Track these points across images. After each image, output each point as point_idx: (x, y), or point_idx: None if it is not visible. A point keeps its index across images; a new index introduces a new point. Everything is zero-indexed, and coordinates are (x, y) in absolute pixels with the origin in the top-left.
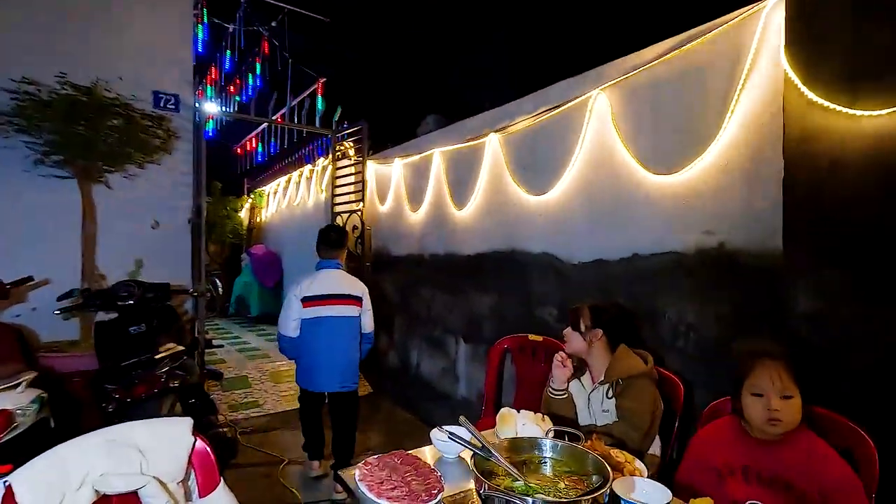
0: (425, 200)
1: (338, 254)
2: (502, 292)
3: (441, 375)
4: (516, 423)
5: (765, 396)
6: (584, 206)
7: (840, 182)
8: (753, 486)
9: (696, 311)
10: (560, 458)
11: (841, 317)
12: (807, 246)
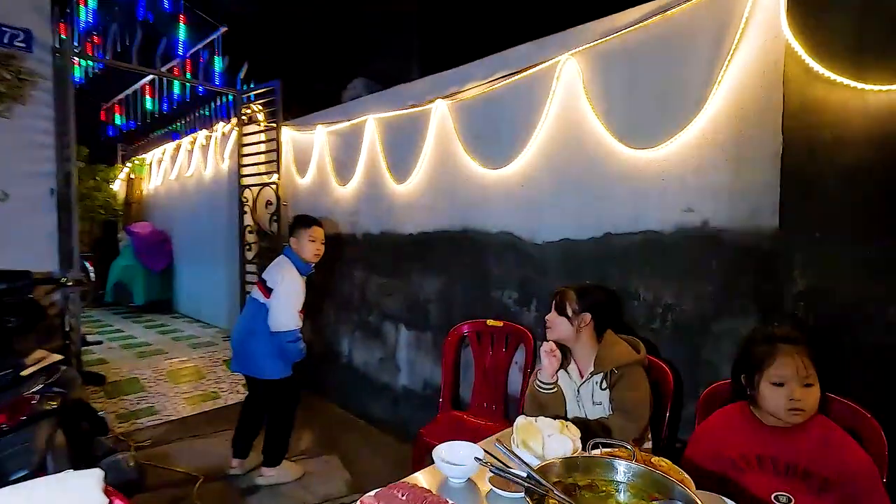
0: (356, 173)
1: (291, 239)
2: (452, 274)
3: (379, 365)
4: (542, 436)
5: (786, 385)
6: (550, 182)
7: (842, 158)
8: (771, 477)
9: (675, 291)
10: (630, 479)
11: (841, 295)
12: (805, 222)
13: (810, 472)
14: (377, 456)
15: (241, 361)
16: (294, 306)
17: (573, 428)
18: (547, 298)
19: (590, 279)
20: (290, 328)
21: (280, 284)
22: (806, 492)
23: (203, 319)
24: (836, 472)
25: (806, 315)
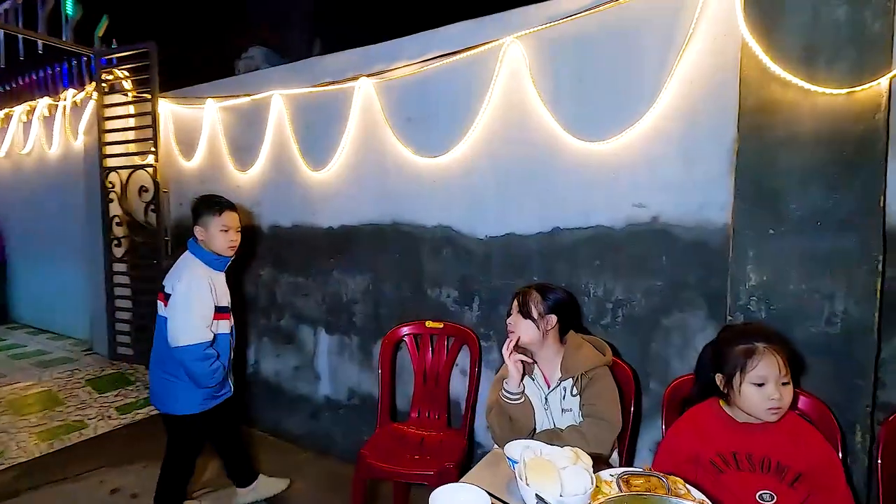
0: (261, 157)
1: (195, 229)
2: (381, 272)
3: (293, 375)
4: (557, 472)
5: (767, 385)
6: (494, 174)
7: (793, 156)
8: (749, 474)
9: (625, 286)
10: None
11: (791, 289)
12: (757, 218)
13: (783, 465)
14: (296, 476)
15: (153, 393)
16: (196, 313)
17: (584, 455)
18: (490, 297)
19: (537, 276)
20: (191, 342)
21: (178, 287)
22: (782, 486)
23: (54, 329)
24: (807, 464)
25: (758, 309)
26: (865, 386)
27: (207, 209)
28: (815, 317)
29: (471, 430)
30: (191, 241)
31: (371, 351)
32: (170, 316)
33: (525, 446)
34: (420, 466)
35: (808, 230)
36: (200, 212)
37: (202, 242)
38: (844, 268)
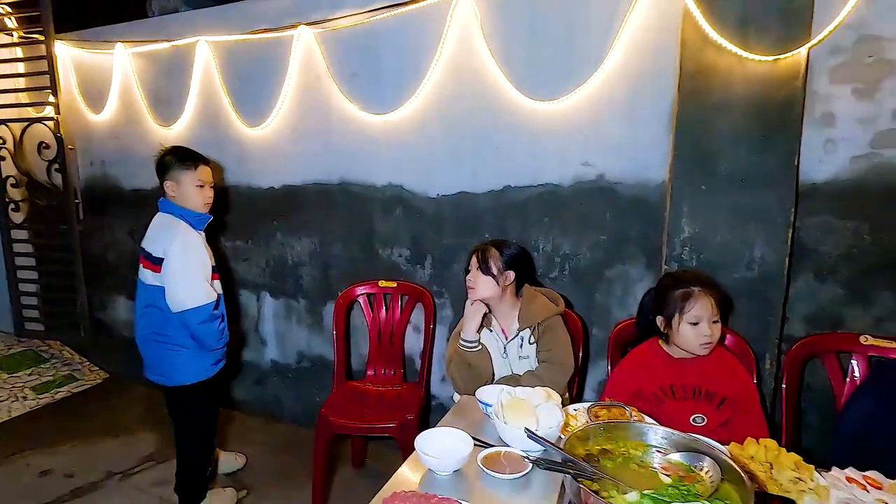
0: (186, 111)
1: (166, 185)
2: (328, 233)
3: (236, 341)
4: (533, 410)
5: (700, 324)
6: (445, 131)
7: (726, 119)
8: (684, 402)
9: (572, 242)
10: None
11: (719, 240)
12: (691, 176)
13: (712, 392)
14: (247, 444)
15: (150, 367)
16: (199, 274)
17: (554, 394)
18: (443, 255)
19: (489, 234)
20: (198, 303)
21: (172, 249)
22: (711, 409)
23: None
24: (730, 390)
25: (690, 258)
26: (775, 322)
27: (180, 163)
28: (738, 263)
29: (427, 384)
30: (163, 201)
31: (321, 313)
32: (169, 281)
33: (500, 390)
34: (381, 420)
35: (735, 187)
36: (170, 166)
37: (173, 199)
38: (763, 220)
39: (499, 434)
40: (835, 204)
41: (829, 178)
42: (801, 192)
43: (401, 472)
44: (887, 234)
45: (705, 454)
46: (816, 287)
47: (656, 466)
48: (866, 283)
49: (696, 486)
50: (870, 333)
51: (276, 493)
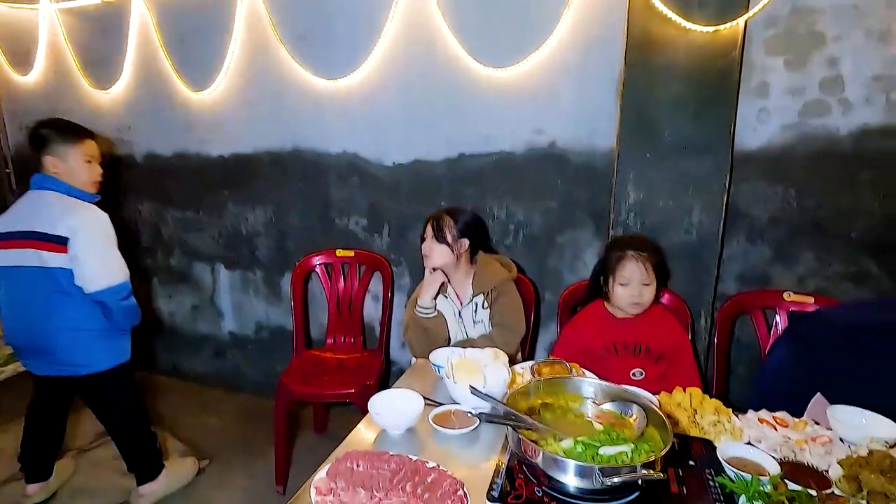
0: (124, 73)
1: (47, 160)
2: (283, 203)
3: (192, 314)
4: (481, 369)
5: (630, 285)
6: (399, 98)
7: (670, 88)
8: (626, 358)
9: (526, 209)
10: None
11: (661, 205)
12: (637, 143)
13: (650, 348)
14: (210, 415)
15: (47, 360)
16: (114, 250)
17: (502, 354)
18: (400, 224)
19: (445, 201)
20: (117, 281)
21: (82, 227)
22: (649, 364)
23: None
24: (667, 346)
25: (635, 223)
26: (709, 281)
27: (62, 136)
28: (678, 227)
29: (386, 350)
30: (42, 177)
31: (278, 284)
32: (84, 260)
33: (451, 352)
34: (342, 386)
35: (676, 155)
36: (50, 139)
37: (57, 175)
38: (701, 186)
39: (449, 393)
40: (766, 171)
41: (761, 146)
42: (735, 159)
43: (356, 432)
44: (811, 198)
45: (633, 402)
46: (747, 248)
47: (590, 416)
48: (791, 245)
49: (625, 432)
50: (792, 290)
51: (239, 460)
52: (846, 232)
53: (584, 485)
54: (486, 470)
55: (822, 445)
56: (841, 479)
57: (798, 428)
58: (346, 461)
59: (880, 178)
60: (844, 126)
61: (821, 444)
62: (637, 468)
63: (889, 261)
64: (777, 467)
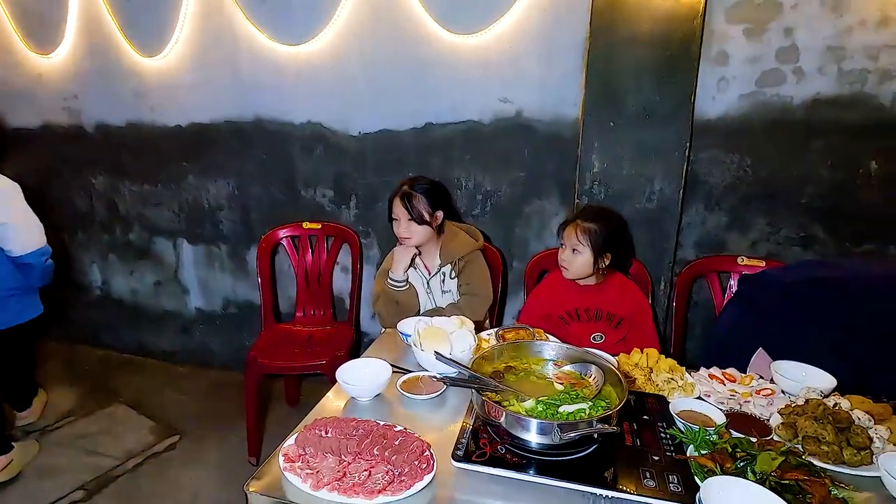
0: (67, 37)
1: None
2: (246, 174)
3: (154, 291)
4: (447, 336)
5: (564, 250)
6: (363, 66)
7: (633, 55)
8: (587, 323)
9: (493, 179)
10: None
11: (625, 174)
12: (601, 112)
13: (611, 314)
14: (178, 391)
15: None
16: (32, 215)
17: (467, 322)
18: (367, 195)
19: (412, 171)
20: (41, 244)
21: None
22: (609, 328)
23: None
24: (626, 310)
25: (599, 191)
26: (669, 248)
27: None
28: (640, 195)
29: (357, 322)
30: None
31: (245, 258)
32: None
33: (417, 321)
34: (312, 358)
35: (639, 123)
36: None
37: None
38: (662, 155)
39: (417, 360)
40: (723, 139)
41: (720, 114)
42: (695, 128)
43: (325, 401)
44: (764, 166)
45: (592, 363)
46: (705, 215)
47: (551, 377)
48: (745, 211)
49: (584, 391)
50: (746, 255)
51: (211, 435)
52: (796, 198)
53: (545, 441)
54: (452, 432)
55: (765, 397)
56: (780, 427)
57: (745, 382)
58: (314, 428)
59: (829, 146)
60: (798, 95)
61: (764, 397)
62: (593, 423)
63: (835, 226)
64: (723, 418)
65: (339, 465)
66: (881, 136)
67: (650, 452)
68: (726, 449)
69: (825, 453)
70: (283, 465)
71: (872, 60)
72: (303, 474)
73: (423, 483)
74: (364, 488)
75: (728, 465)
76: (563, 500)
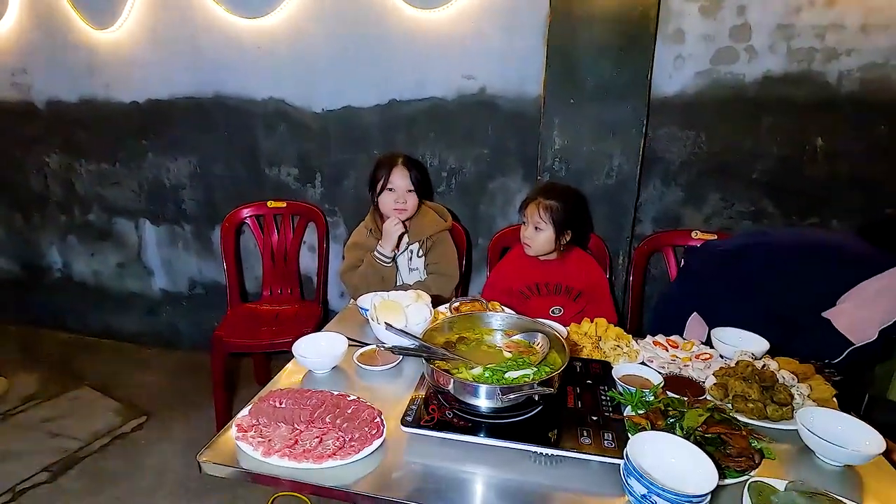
0: (11, 6)
1: None
2: (208, 153)
3: (118, 273)
4: (403, 309)
5: (526, 228)
6: (326, 41)
7: (592, 33)
8: (546, 297)
9: (458, 156)
10: (497, 326)
11: (583, 151)
12: (562, 90)
13: (570, 287)
14: (146, 373)
15: None
16: None
17: (424, 295)
18: (332, 173)
19: (378, 149)
20: None
21: None
22: (568, 302)
23: None
24: (585, 284)
25: (560, 168)
26: (627, 223)
27: None
28: (599, 172)
29: (325, 300)
30: None
31: (210, 238)
32: None
33: (375, 295)
34: (279, 336)
35: (598, 100)
36: None
37: None
38: (621, 131)
39: (375, 334)
40: (679, 116)
41: (676, 91)
42: (652, 105)
43: (283, 374)
44: (718, 142)
45: (539, 332)
46: (662, 191)
47: (501, 346)
48: (700, 187)
49: (530, 358)
50: (700, 229)
51: (179, 415)
52: (748, 174)
53: (490, 404)
54: (405, 401)
55: (703, 361)
56: (712, 387)
57: (686, 348)
58: (268, 400)
59: (779, 123)
60: (750, 73)
61: (703, 361)
62: (533, 385)
63: (784, 200)
64: (660, 381)
65: (291, 433)
66: (826, 114)
67: (590, 413)
68: (660, 408)
69: (751, 410)
70: (236, 435)
71: (819, 39)
72: (254, 442)
73: (373, 447)
74: (314, 454)
75: (660, 422)
76: (507, 459)
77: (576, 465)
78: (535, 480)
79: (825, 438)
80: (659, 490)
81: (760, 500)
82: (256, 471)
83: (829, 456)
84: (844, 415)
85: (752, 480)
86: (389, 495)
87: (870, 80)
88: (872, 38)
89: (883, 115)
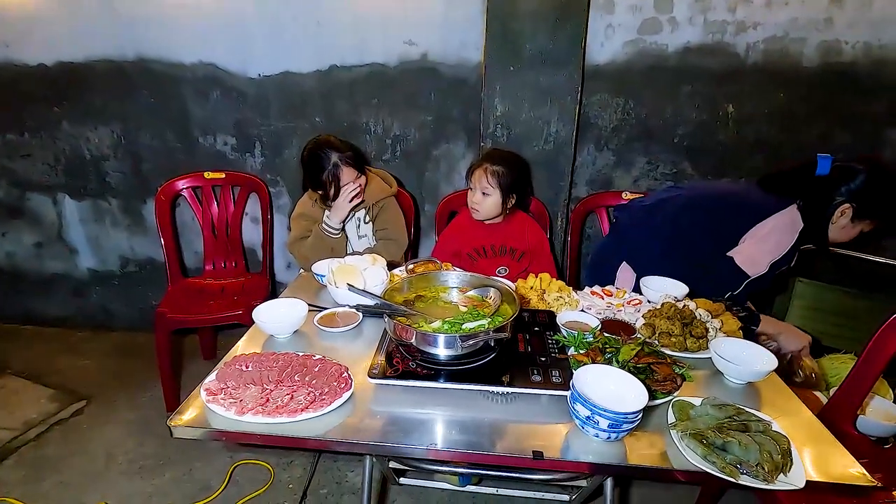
0: None
1: None
2: (132, 121)
3: (36, 253)
4: (360, 272)
5: (473, 192)
6: (259, 3)
7: (528, 2)
8: (493, 258)
9: (402, 123)
10: (450, 284)
11: (522, 117)
12: (502, 56)
13: (514, 248)
14: (79, 357)
15: None
16: None
17: (380, 259)
18: (272, 141)
19: (318, 117)
20: None
21: None
22: (513, 262)
23: None
24: (528, 245)
25: (502, 134)
26: (565, 186)
27: None
28: (538, 137)
29: (272, 272)
30: None
31: (141, 212)
32: None
33: (330, 261)
34: (227, 309)
35: (536, 67)
36: None
37: None
38: (557, 98)
39: (333, 298)
40: (610, 83)
41: (608, 60)
42: (586, 72)
43: (242, 342)
44: (644, 108)
45: (490, 287)
46: (595, 155)
47: (457, 301)
48: (629, 151)
49: (484, 310)
50: (629, 190)
51: (122, 396)
52: (670, 138)
53: (450, 352)
54: (368, 357)
55: (634, 306)
56: (642, 327)
57: (619, 296)
58: (234, 364)
59: (696, 90)
60: (672, 43)
61: (633, 306)
62: (489, 332)
63: (701, 161)
64: (598, 323)
65: (261, 392)
66: (735, 82)
67: (539, 355)
68: (598, 347)
69: (673, 343)
70: (206, 398)
71: (731, 13)
72: (226, 403)
73: (343, 399)
74: (287, 409)
75: (599, 358)
76: (467, 400)
77: (528, 400)
78: (492, 416)
79: (731, 362)
80: (601, 410)
81: (682, 415)
82: (232, 429)
83: (734, 375)
84: (748, 342)
85: (675, 399)
86: (359, 438)
87: (771, 52)
88: (774, 12)
89: (782, 84)
